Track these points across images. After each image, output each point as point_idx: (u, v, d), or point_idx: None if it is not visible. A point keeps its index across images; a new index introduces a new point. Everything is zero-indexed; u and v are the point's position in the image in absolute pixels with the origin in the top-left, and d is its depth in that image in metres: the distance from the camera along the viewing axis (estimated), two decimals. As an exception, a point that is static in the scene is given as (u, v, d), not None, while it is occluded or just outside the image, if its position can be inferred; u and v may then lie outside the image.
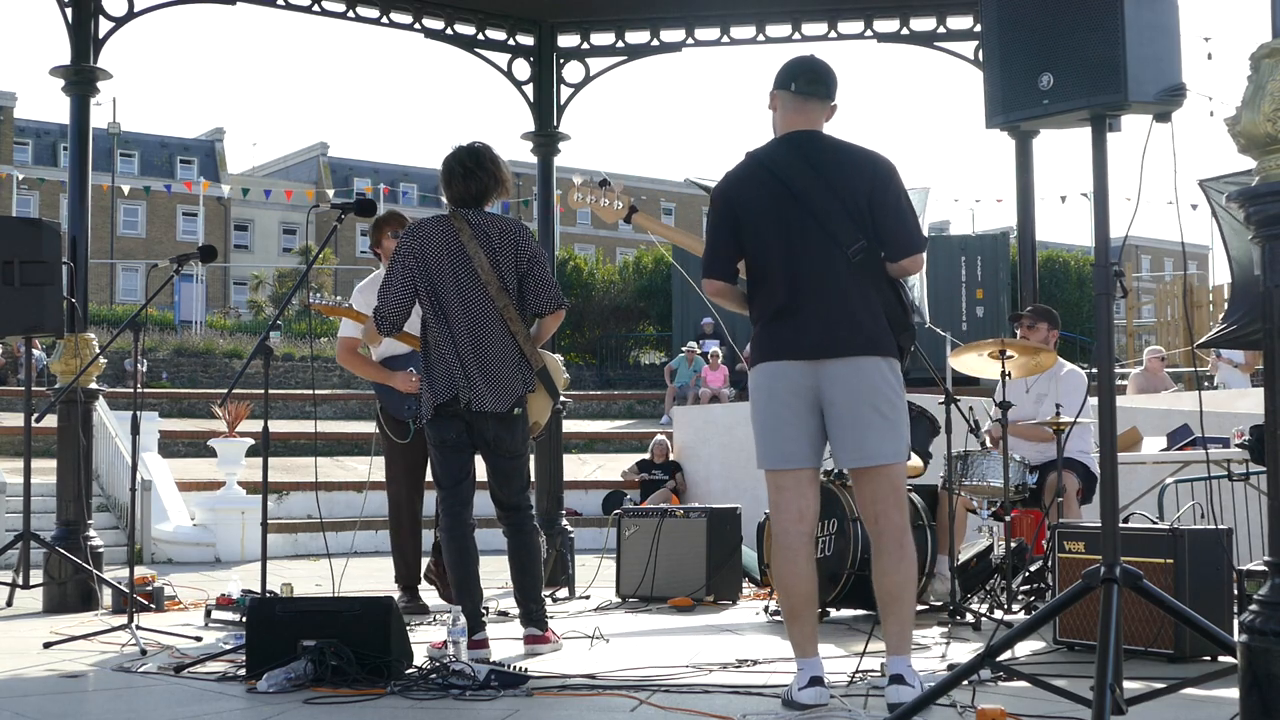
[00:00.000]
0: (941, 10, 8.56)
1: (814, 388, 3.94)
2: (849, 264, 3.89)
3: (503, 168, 5.14)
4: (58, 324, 7.13)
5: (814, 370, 3.92)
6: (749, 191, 4.02)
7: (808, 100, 4.02)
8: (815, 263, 3.91)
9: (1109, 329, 3.35)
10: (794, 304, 3.94)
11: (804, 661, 3.94)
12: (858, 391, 3.89)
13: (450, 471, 5.15)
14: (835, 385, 3.91)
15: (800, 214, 3.92)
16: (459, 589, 5.10)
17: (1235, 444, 6.36)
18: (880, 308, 3.93)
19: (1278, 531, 3.16)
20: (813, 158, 3.97)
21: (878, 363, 3.91)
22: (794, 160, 3.97)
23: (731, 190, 4.07)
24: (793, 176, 3.94)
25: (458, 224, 5.06)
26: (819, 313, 3.91)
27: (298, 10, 8.33)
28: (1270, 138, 3.16)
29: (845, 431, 3.93)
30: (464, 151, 5.14)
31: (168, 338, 27.32)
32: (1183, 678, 3.50)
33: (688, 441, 15.59)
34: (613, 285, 30.90)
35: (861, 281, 3.91)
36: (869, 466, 3.95)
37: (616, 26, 8.98)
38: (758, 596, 7.37)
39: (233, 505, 12.68)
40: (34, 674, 4.91)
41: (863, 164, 3.96)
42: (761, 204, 3.98)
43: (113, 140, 42.45)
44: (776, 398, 3.97)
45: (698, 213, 61.43)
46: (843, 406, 3.91)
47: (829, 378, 3.91)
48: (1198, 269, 29.75)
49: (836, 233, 3.88)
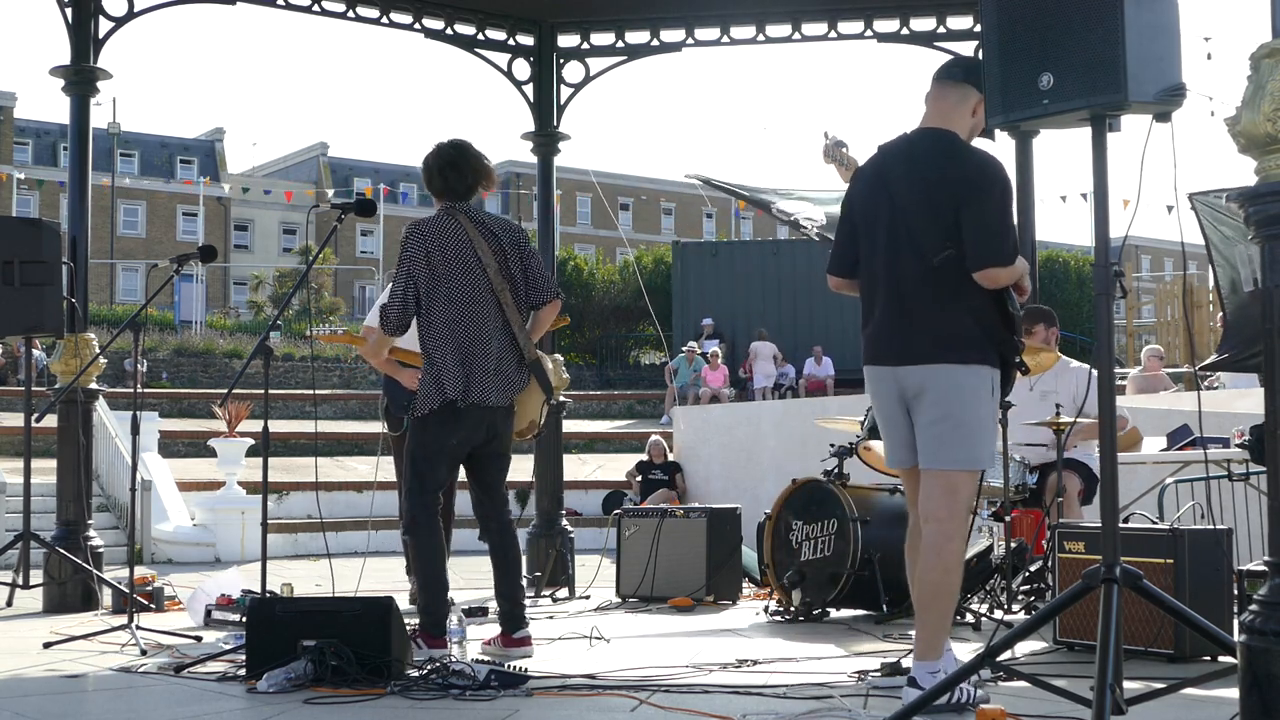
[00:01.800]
0: (941, 10, 8.56)
1: (900, 391, 3.99)
2: (932, 270, 3.83)
3: (485, 159, 5.18)
4: (58, 324, 7.13)
5: (894, 375, 3.98)
6: (859, 187, 4.06)
7: (942, 87, 3.98)
8: (898, 266, 3.90)
9: (1109, 329, 3.35)
10: (878, 309, 3.98)
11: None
12: (929, 397, 3.91)
13: (440, 476, 5.09)
14: (911, 390, 3.96)
15: (891, 214, 3.91)
16: (441, 589, 5.00)
17: (1235, 444, 6.36)
18: (966, 314, 3.84)
19: (1278, 531, 3.16)
20: (918, 159, 3.92)
21: (953, 370, 3.86)
22: (900, 159, 3.95)
23: (852, 186, 4.13)
24: (893, 176, 3.93)
25: (461, 219, 5.06)
26: (896, 320, 3.92)
27: (298, 10, 8.33)
28: (1270, 138, 3.16)
29: (921, 434, 3.97)
30: (447, 146, 5.16)
31: (168, 338, 27.34)
32: (1183, 678, 3.50)
33: (688, 441, 15.59)
34: (613, 285, 30.91)
35: (945, 288, 3.84)
36: (930, 470, 3.96)
37: (616, 26, 8.98)
38: (758, 596, 7.38)
39: (233, 505, 12.69)
40: (34, 674, 4.91)
41: (958, 169, 3.86)
42: (866, 202, 4.00)
43: (113, 140, 42.49)
44: (877, 400, 4.09)
45: (698, 213, 61.37)
46: (918, 411, 3.96)
47: (906, 383, 3.96)
48: (1198, 269, 29.76)
49: (922, 238, 3.84)
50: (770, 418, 14.86)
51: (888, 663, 4.44)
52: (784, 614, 6.40)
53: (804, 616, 6.34)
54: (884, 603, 6.15)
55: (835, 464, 6.58)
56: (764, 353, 22.22)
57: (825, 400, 17.11)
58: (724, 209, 60.08)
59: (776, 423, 14.43)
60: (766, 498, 7.46)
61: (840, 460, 6.59)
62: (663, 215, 61.58)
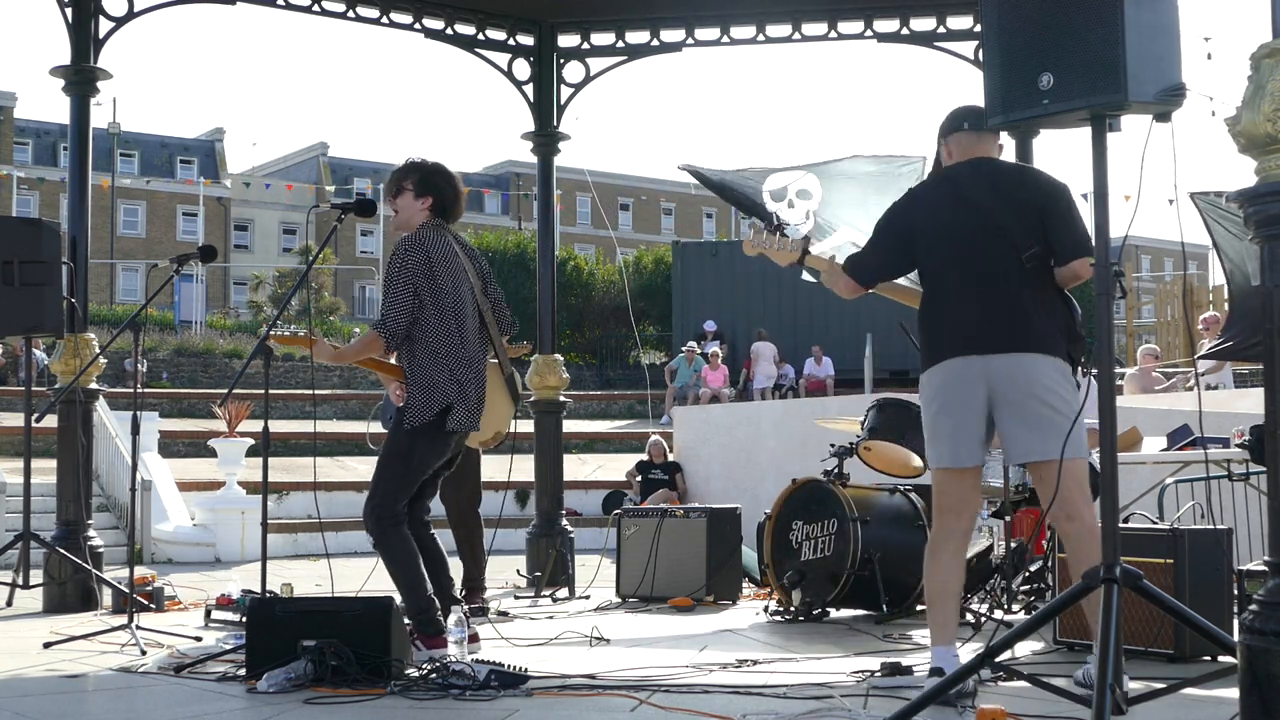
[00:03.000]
0: (941, 10, 8.56)
1: (985, 385, 4.06)
2: (1023, 268, 4.08)
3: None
4: (58, 324, 7.13)
5: (985, 365, 4.05)
6: (930, 205, 4.29)
7: (981, 135, 4.30)
8: (991, 264, 4.11)
9: (1109, 329, 3.35)
10: (967, 303, 4.13)
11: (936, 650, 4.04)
12: (1027, 387, 4.03)
13: (413, 487, 5.09)
14: (1005, 381, 4.05)
15: (980, 223, 4.15)
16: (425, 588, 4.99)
17: (1235, 444, 6.35)
18: (1052, 312, 4.10)
19: (1278, 531, 3.16)
20: (993, 176, 4.26)
21: (1047, 360, 4.05)
22: (977, 178, 4.24)
23: (912, 206, 4.35)
24: (975, 191, 4.20)
25: (449, 237, 5.14)
26: (991, 311, 4.08)
27: (298, 10, 8.33)
28: (1270, 138, 3.16)
29: (1015, 427, 4.06)
30: (448, 170, 5.27)
31: (168, 338, 27.33)
32: (1183, 678, 3.50)
33: (688, 441, 15.59)
34: (613, 285, 30.91)
35: (1034, 285, 4.09)
36: (1044, 461, 4.02)
37: (616, 26, 8.98)
38: (758, 596, 7.38)
39: (233, 505, 12.68)
40: (34, 674, 4.92)
41: (1037, 182, 4.27)
42: (943, 216, 4.24)
43: (113, 140, 42.47)
44: (957, 392, 4.12)
45: (699, 213, 61.41)
46: (1013, 402, 4.04)
47: (999, 373, 4.05)
48: (1198, 269, 29.75)
49: (1012, 240, 4.09)
50: (770, 418, 14.86)
51: (888, 663, 4.44)
52: (784, 614, 6.40)
53: (804, 616, 6.34)
54: (884, 603, 6.15)
55: (835, 464, 6.58)
56: (765, 353, 22.22)
57: (825, 400, 17.11)
58: (724, 209, 60.08)
59: (776, 423, 14.43)
60: (766, 498, 7.46)
61: (840, 460, 6.59)
62: (662, 215, 61.57)
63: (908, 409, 6.76)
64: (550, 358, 8.88)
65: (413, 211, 5.15)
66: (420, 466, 5.05)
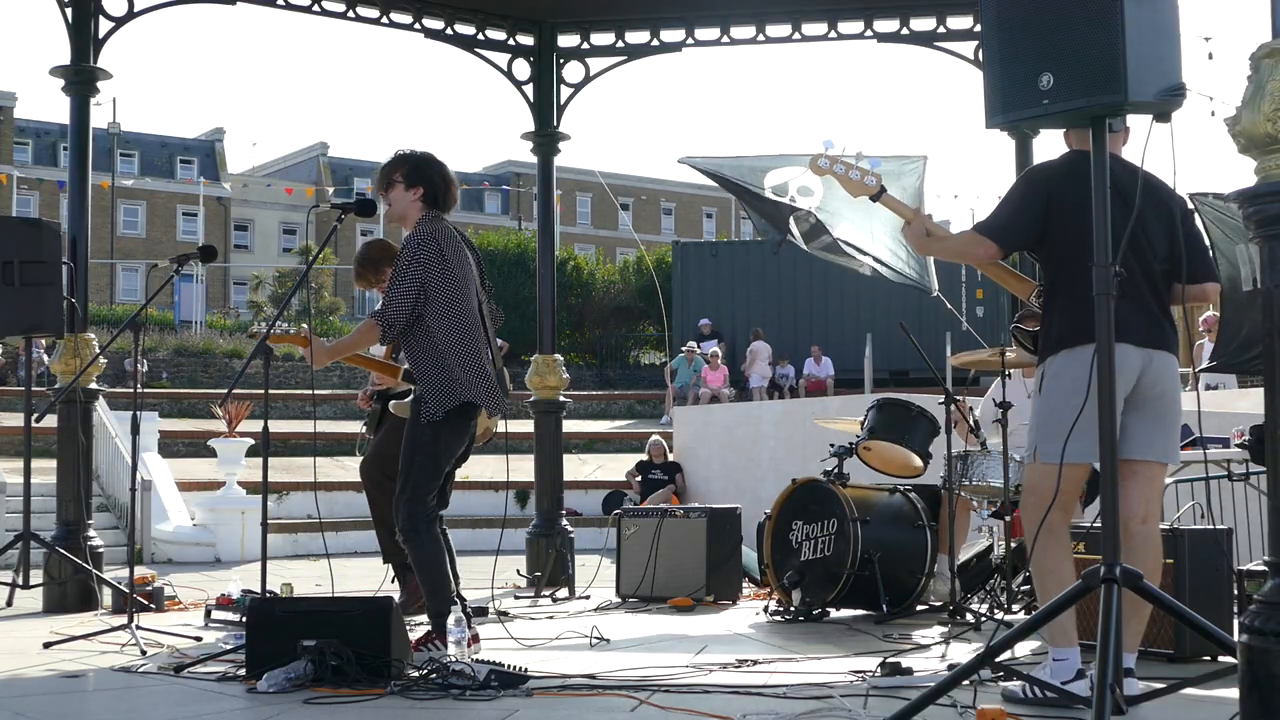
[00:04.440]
0: (941, 10, 8.56)
1: (1139, 377, 3.95)
2: (1157, 272, 4.03)
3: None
4: (58, 324, 7.13)
5: (1146, 358, 3.97)
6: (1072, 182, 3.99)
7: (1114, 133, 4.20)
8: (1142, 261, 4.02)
9: (1109, 329, 3.35)
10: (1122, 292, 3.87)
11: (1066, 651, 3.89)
12: (1174, 389, 4.02)
13: (440, 476, 5.11)
14: (1162, 377, 3.99)
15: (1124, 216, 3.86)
16: (446, 588, 5.02)
17: (1235, 444, 6.36)
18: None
19: (1278, 531, 3.16)
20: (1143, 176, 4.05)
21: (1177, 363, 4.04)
22: (1121, 171, 4.01)
23: (1054, 178, 4.10)
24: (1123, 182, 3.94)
25: (452, 229, 5.15)
26: (1145, 304, 4.00)
27: (298, 10, 8.33)
28: (1270, 138, 3.16)
29: (1155, 424, 3.99)
30: (439, 161, 5.25)
31: (168, 338, 27.35)
32: (1183, 678, 3.51)
33: (688, 442, 15.60)
34: (613, 285, 30.93)
35: (1164, 290, 4.06)
36: (1156, 463, 4.01)
37: (616, 26, 8.98)
38: (758, 596, 7.38)
39: (233, 505, 12.69)
40: (34, 674, 4.91)
41: (1172, 192, 4.17)
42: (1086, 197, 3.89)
43: (113, 140, 42.49)
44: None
45: (699, 213, 61.40)
46: (1164, 400, 4.00)
47: (1156, 369, 3.98)
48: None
49: (1154, 242, 4.01)
50: (770, 418, 14.86)
51: (888, 662, 4.44)
52: (784, 614, 6.40)
53: (804, 616, 6.34)
54: (884, 603, 6.15)
55: (835, 464, 6.58)
56: (763, 353, 22.24)
57: (825, 400, 17.11)
58: (724, 209, 60.11)
59: (776, 423, 14.43)
60: (766, 498, 7.46)
61: (840, 460, 6.59)
62: (662, 215, 61.57)
63: (908, 409, 6.77)
64: (550, 358, 8.87)
65: (405, 203, 5.15)
66: (447, 455, 5.09)
